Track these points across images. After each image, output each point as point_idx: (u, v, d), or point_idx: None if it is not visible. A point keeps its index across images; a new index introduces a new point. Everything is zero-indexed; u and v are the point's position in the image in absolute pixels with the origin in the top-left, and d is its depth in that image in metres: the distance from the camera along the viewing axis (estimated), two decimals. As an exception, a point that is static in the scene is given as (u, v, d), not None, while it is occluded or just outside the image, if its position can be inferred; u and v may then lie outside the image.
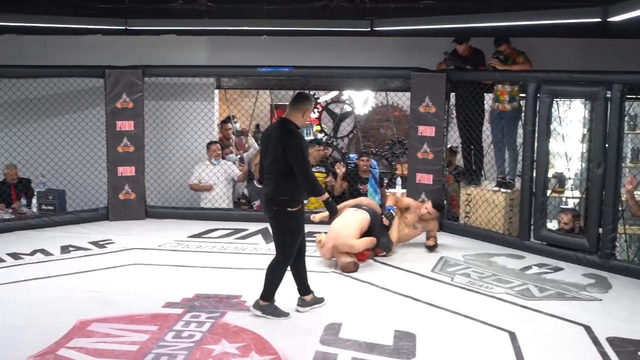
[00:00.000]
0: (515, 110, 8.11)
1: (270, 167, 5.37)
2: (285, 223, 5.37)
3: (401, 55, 9.31)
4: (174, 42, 9.80)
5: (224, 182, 9.14)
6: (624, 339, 5.10)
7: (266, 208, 5.46)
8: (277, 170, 5.31)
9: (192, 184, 9.19)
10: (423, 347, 4.87)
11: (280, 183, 5.31)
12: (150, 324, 5.18)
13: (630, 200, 7.05)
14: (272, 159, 5.35)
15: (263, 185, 5.53)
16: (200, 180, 9.10)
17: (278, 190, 5.33)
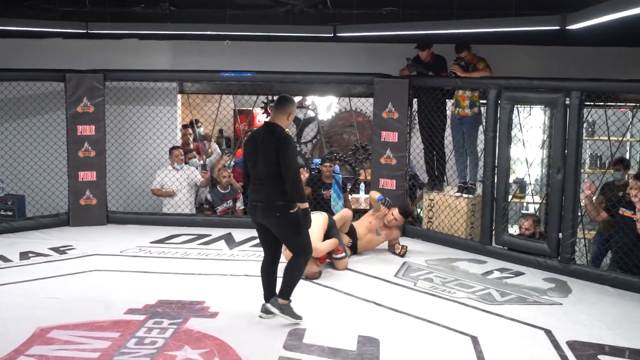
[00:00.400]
0: (475, 115, 8.21)
1: (262, 172, 5.31)
2: (292, 225, 5.36)
3: (364, 61, 9.37)
4: (136, 46, 9.72)
5: (186, 187, 9.08)
6: (584, 343, 5.18)
7: (265, 215, 5.36)
8: (271, 175, 5.27)
9: (154, 189, 9.11)
10: (386, 352, 4.90)
11: (274, 188, 5.28)
12: (111, 331, 5.12)
13: (589, 205, 7.18)
14: (264, 164, 5.29)
15: (253, 191, 5.44)
16: (163, 185, 9.03)
17: (274, 195, 5.29)
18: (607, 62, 8.95)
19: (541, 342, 5.21)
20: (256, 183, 5.40)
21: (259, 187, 5.37)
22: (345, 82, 8.98)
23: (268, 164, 5.27)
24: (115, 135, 9.30)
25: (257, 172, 5.37)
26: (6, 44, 9.51)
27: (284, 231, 5.40)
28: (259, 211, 5.39)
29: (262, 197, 5.34)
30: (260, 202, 5.36)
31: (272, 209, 5.31)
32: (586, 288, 6.63)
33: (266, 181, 5.31)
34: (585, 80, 7.08)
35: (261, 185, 5.35)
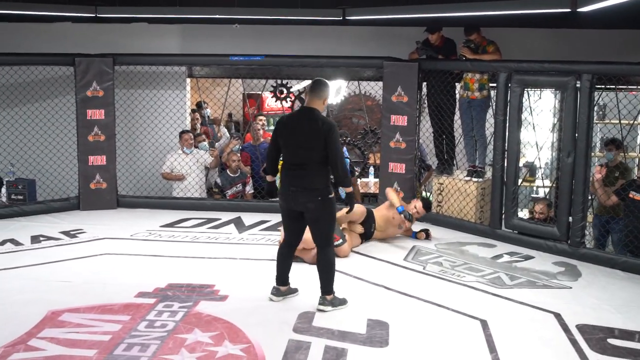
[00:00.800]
0: (484, 98, 8.16)
1: (306, 157, 5.25)
2: (330, 210, 5.37)
3: (373, 45, 9.33)
4: (145, 30, 9.71)
5: (196, 171, 9.09)
6: (594, 326, 5.18)
7: (307, 199, 5.27)
8: (316, 160, 5.23)
9: (164, 173, 9.13)
10: (396, 335, 4.91)
11: (319, 173, 5.27)
12: (122, 314, 5.15)
13: (600, 189, 7.15)
14: (308, 149, 5.23)
15: (292, 177, 5.33)
16: (173, 169, 9.05)
17: (317, 180, 5.26)
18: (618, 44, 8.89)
19: (551, 325, 5.21)
20: (294, 168, 5.32)
21: (299, 172, 5.29)
22: (354, 65, 8.95)
23: (316, 150, 5.22)
24: (124, 119, 9.31)
25: (297, 158, 5.29)
26: (16, 28, 9.52)
27: (320, 216, 5.33)
28: (300, 196, 5.29)
29: (305, 182, 5.27)
30: (302, 188, 5.28)
31: (315, 193, 5.26)
32: (596, 272, 6.62)
33: (310, 166, 5.26)
34: (596, 63, 7.02)
35: (303, 170, 5.27)
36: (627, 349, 4.82)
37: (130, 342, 4.64)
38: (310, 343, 4.71)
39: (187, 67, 9.60)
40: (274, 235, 7.61)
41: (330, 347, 4.65)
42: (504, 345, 4.79)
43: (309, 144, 5.24)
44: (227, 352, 4.54)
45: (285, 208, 5.49)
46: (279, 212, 8.45)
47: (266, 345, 4.65)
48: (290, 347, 4.64)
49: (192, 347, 4.59)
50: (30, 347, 4.54)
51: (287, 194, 5.37)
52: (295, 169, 5.32)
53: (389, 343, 4.78)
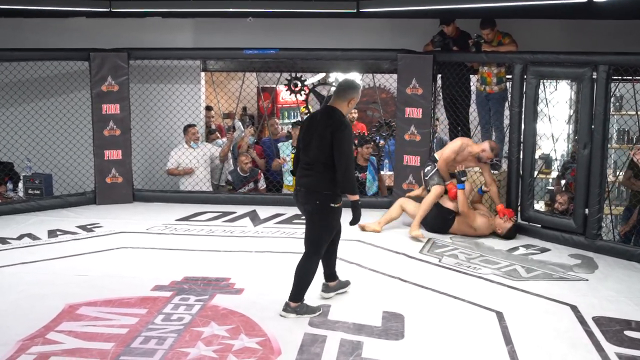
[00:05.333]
0: (502, 91, 8.13)
1: (314, 156, 5.06)
2: (325, 218, 5.10)
3: (388, 37, 9.29)
4: (159, 25, 9.71)
5: (203, 164, 9.10)
6: (610, 319, 5.16)
7: (305, 200, 5.11)
8: (322, 160, 5.02)
9: (170, 169, 9.12)
10: (411, 327, 4.91)
11: (324, 175, 5.02)
12: (139, 307, 5.18)
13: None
14: (317, 148, 5.04)
15: (301, 175, 5.17)
16: (179, 164, 9.05)
17: (322, 183, 5.03)
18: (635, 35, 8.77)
19: (567, 317, 5.20)
20: (305, 167, 5.14)
21: (307, 172, 5.11)
22: (368, 58, 8.93)
23: (321, 149, 5.01)
24: (140, 113, 9.34)
25: (309, 157, 5.12)
26: (30, 24, 9.56)
27: (314, 220, 5.13)
28: (300, 195, 5.15)
29: (308, 182, 5.10)
30: (304, 187, 5.12)
31: (314, 196, 5.05)
32: (613, 264, 6.59)
33: (316, 167, 5.05)
34: (612, 54, 6.97)
35: (310, 170, 5.09)
36: (645, 341, 4.79)
37: (147, 335, 4.67)
38: (325, 336, 4.72)
39: (201, 61, 9.63)
40: (290, 228, 7.63)
41: (346, 340, 4.66)
42: (520, 337, 4.78)
43: (318, 143, 5.05)
44: (243, 345, 4.55)
45: (297, 205, 5.36)
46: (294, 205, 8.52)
47: (282, 338, 4.67)
48: (306, 341, 4.65)
49: (209, 340, 4.61)
50: (48, 341, 4.58)
51: (294, 193, 5.28)
52: (305, 168, 5.16)
53: (404, 335, 4.78)
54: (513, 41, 7.99)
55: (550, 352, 4.60)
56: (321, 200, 5.03)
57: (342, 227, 5.40)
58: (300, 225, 7.74)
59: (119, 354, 4.38)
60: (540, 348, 4.65)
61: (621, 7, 7.78)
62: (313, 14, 9.37)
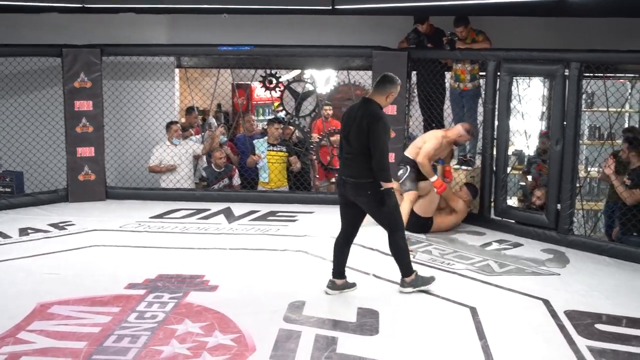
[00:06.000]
0: (475, 88, 8.18)
1: (354, 147, 5.34)
2: (384, 202, 5.36)
3: (363, 34, 9.29)
4: (132, 21, 9.62)
5: (185, 162, 9.05)
6: (582, 312, 5.23)
7: (356, 192, 5.39)
8: (362, 151, 5.29)
9: (152, 166, 9.06)
10: (386, 323, 4.93)
11: (366, 165, 5.29)
12: (112, 306, 5.14)
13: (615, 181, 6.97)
14: (356, 139, 5.31)
15: (344, 165, 5.48)
16: (161, 161, 9.00)
17: (365, 172, 5.30)
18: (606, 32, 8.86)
19: (539, 312, 5.25)
20: (347, 157, 5.44)
21: (349, 161, 5.41)
22: (343, 55, 8.93)
23: (360, 140, 5.28)
24: (113, 110, 9.25)
25: (350, 147, 5.39)
26: (2, 19, 9.43)
27: (375, 209, 5.42)
28: (348, 187, 5.42)
29: (352, 173, 5.38)
30: (351, 178, 5.38)
31: (362, 187, 5.34)
32: (584, 258, 6.67)
33: (357, 157, 5.34)
34: (584, 52, 7.05)
35: (352, 160, 5.38)
36: (615, 334, 4.87)
37: (120, 333, 4.64)
38: (300, 332, 4.72)
39: (176, 58, 9.56)
40: (264, 225, 7.62)
41: (321, 336, 4.66)
42: (493, 332, 4.81)
43: (356, 134, 5.31)
44: (217, 342, 4.54)
45: (339, 195, 5.60)
46: (268, 202, 8.53)
47: (257, 334, 4.66)
48: (280, 337, 4.65)
49: (183, 338, 4.59)
50: (19, 340, 4.53)
51: (339, 182, 5.53)
52: (347, 159, 5.44)
53: (379, 331, 4.80)
54: (487, 38, 8.04)
55: (522, 346, 4.64)
56: (370, 189, 5.33)
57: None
58: (273, 222, 7.80)
59: (91, 353, 4.35)
60: (513, 342, 4.68)
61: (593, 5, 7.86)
62: (288, 11, 9.34)
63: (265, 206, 8.45)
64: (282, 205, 8.51)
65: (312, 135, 9.82)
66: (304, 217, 8.04)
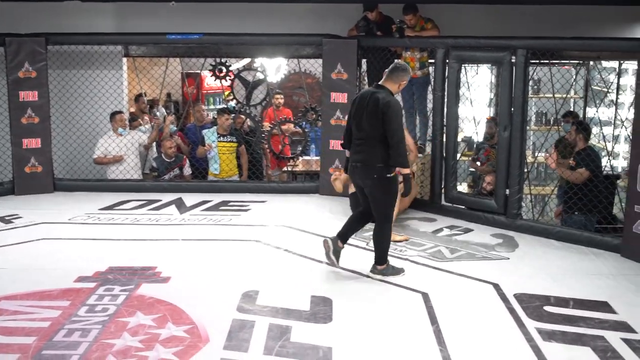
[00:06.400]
0: (425, 76, 8.25)
1: (366, 133, 5.50)
2: (386, 188, 5.54)
3: (312, 22, 9.27)
4: (78, 9, 9.43)
5: (133, 152, 8.93)
6: (530, 295, 5.34)
7: (364, 175, 5.57)
8: (374, 136, 5.46)
9: (97, 158, 8.88)
10: (339, 311, 4.96)
11: (376, 149, 5.46)
12: (61, 300, 5.06)
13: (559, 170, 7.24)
14: (368, 124, 5.46)
15: (355, 151, 5.63)
16: (107, 153, 8.85)
17: (375, 157, 5.47)
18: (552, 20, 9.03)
19: (489, 295, 5.35)
20: (358, 143, 5.59)
21: (360, 147, 5.57)
22: (293, 43, 8.90)
23: (373, 125, 5.44)
24: (59, 100, 9.08)
25: (361, 133, 5.55)
26: (-59, 7, 9.16)
27: (376, 193, 5.57)
28: (357, 172, 5.62)
29: (362, 157, 5.55)
30: (360, 163, 5.57)
31: (370, 170, 5.50)
32: (532, 242, 6.80)
33: (369, 142, 5.50)
34: (530, 39, 7.16)
35: (363, 145, 5.55)
36: (563, 315, 4.98)
37: (70, 327, 4.57)
38: (254, 322, 4.72)
39: (123, 47, 9.40)
40: (216, 215, 7.58)
41: (275, 325, 4.67)
42: (445, 317, 4.88)
43: (369, 120, 5.47)
44: (170, 334, 4.51)
45: (353, 181, 5.87)
46: (220, 192, 8.48)
47: (210, 325, 4.64)
48: (234, 327, 4.64)
49: (135, 330, 4.54)
50: (-35, 337, 4.44)
51: (350, 168, 5.72)
52: (358, 144, 5.60)
53: (332, 319, 4.83)
54: (435, 26, 8.11)
55: (474, 329, 4.72)
56: (378, 173, 5.48)
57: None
58: (226, 212, 7.76)
59: (40, 348, 4.28)
60: (465, 326, 4.76)
61: (538, -7, 8.00)
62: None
63: (217, 196, 8.39)
64: (234, 195, 8.47)
65: (264, 124, 9.79)
66: (256, 207, 8.02)
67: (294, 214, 7.68)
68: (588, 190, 6.89)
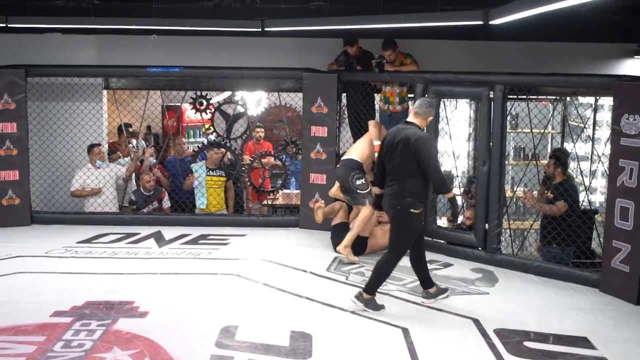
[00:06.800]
0: (405, 110, 8.30)
1: (398, 169, 5.71)
2: (407, 222, 5.69)
3: (293, 56, 9.35)
4: (59, 41, 9.44)
5: (112, 185, 8.88)
6: (510, 330, 5.34)
7: (389, 206, 5.76)
8: (405, 172, 5.67)
9: (75, 191, 8.80)
10: (319, 346, 4.92)
11: (405, 184, 5.66)
12: (37, 335, 4.98)
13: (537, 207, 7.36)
14: (402, 161, 5.67)
15: (388, 186, 5.82)
16: (85, 186, 8.78)
17: (404, 191, 5.66)
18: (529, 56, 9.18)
19: (470, 331, 5.35)
20: (390, 179, 5.80)
21: (392, 182, 5.77)
22: (274, 77, 8.95)
23: (404, 161, 5.67)
24: (38, 132, 9.02)
25: (393, 169, 5.77)
26: None
27: (396, 225, 5.76)
28: (385, 203, 5.83)
29: (392, 191, 5.75)
30: (389, 196, 5.77)
31: (395, 202, 5.70)
32: (511, 277, 6.82)
33: (399, 177, 5.71)
34: (508, 74, 7.26)
35: (395, 181, 5.75)
36: (543, 350, 4.99)
37: (45, 363, 4.50)
38: (233, 357, 4.67)
39: (104, 79, 9.38)
40: (195, 249, 7.53)
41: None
42: (425, 352, 4.87)
43: (400, 157, 5.68)
44: (147, 370, 4.45)
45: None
46: (200, 225, 8.44)
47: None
48: (212, 363, 4.59)
49: (111, 367, 4.48)
50: (-63, 373, 4.35)
51: (382, 202, 5.91)
52: (390, 180, 5.81)
53: (312, 354, 4.79)
54: (414, 61, 8.20)
55: (453, 365, 4.71)
56: (402, 206, 5.67)
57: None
58: (205, 245, 7.73)
59: (15, 384, 4.20)
60: (444, 362, 4.75)
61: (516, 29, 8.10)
62: (218, 32, 9.33)
63: (197, 229, 8.35)
64: (214, 229, 8.42)
65: (244, 158, 9.79)
66: (236, 240, 7.98)
67: (273, 247, 7.65)
68: (566, 224, 6.95)
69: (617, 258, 6.21)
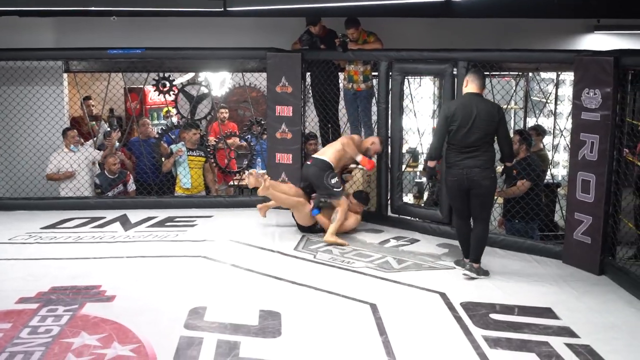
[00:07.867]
0: (369, 89, 8.32)
1: (478, 139, 5.86)
2: (494, 189, 6.07)
3: (256, 36, 9.28)
4: (16, 24, 9.24)
5: (85, 168, 8.77)
6: (476, 303, 5.42)
7: (482, 177, 5.86)
8: (487, 141, 5.91)
9: (50, 174, 8.71)
10: (288, 325, 4.95)
11: (489, 154, 5.93)
12: (3, 322, 4.92)
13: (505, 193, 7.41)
14: (483, 131, 5.84)
15: (466, 158, 5.90)
16: (60, 169, 8.66)
17: (490, 160, 5.93)
18: (491, 32, 9.24)
19: (437, 305, 5.41)
20: (470, 150, 5.89)
21: (474, 153, 5.88)
22: (237, 57, 8.89)
23: (487, 132, 5.86)
24: (-2, 117, 8.87)
25: (472, 140, 5.87)
26: None
27: (486, 193, 5.96)
28: (473, 176, 5.87)
29: (477, 163, 5.88)
30: (477, 168, 5.87)
31: (488, 172, 5.90)
32: (477, 251, 6.90)
33: (483, 147, 5.88)
34: (471, 51, 7.30)
35: (477, 151, 5.88)
36: (508, 322, 5.08)
37: (12, 350, 4.45)
38: (202, 338, 4.67)
39: (64, 62, 9.22)
40: (162, 232, 7.48)
41: (223, 341, 4.63)
42: (393, 327, 4.92)
43: (483, 127, 5.85)
44: (116, 354, 4.43)
45: (457, 187, 6.01)
46: (166, 207, 8.38)
47: (157, 343, 4.58)
48: (182, 344, 4.59)
49: (80, 351, 4.45)
50: None
51: (461, 174, 5.92)
52: (470, 151, 5.89)
53: (281, 333, 4.81)
54: (378, 39, 8.19)
55: (422, 339, 4.77)
56: (493, 175, 5.98)
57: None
58: (172, 228, 7.67)
59: (-19, 372, 4.16)
60: (413, 336, 4.81)
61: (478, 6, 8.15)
62: (179, 13, 9.21)
63: (163, 212, 8.30)
64: (180, 210, 8.38)
65: (209, 139, 9.73)
66: (202, 222, 7.95)
67: (240, 228, 7.64)
68: (530, 198, 7.05)
69: (579, 230, 6.33)
